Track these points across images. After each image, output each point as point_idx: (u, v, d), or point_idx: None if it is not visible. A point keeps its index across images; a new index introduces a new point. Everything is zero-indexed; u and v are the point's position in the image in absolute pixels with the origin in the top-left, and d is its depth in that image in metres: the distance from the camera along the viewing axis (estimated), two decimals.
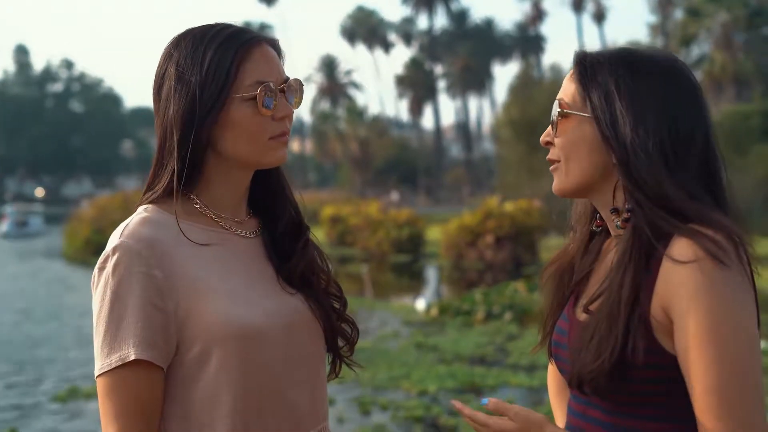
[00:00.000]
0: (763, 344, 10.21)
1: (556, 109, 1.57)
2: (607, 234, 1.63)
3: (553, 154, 1.59)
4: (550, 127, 1.59)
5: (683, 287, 1.39)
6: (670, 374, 1.43)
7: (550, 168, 1.60)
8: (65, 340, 13.30)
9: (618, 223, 1.53)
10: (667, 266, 1.41)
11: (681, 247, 1.40)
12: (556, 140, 1.57)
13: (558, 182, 1.58)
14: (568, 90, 1.57)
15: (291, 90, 1.65)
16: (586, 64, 1.54)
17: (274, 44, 1.68)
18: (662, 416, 1.45)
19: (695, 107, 1.52)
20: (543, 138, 1.61)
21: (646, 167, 1.45)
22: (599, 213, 1.62)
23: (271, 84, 1.61)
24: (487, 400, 1.52)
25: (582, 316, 1.54)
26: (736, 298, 1.38)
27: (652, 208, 1.44)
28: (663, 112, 1.48)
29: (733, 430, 1.36)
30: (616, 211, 1.55)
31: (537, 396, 8.52)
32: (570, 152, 1.55)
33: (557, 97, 1.58)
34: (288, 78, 1.65)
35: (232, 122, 1.60)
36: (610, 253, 1.57)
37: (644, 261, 1.44)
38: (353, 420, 7.95)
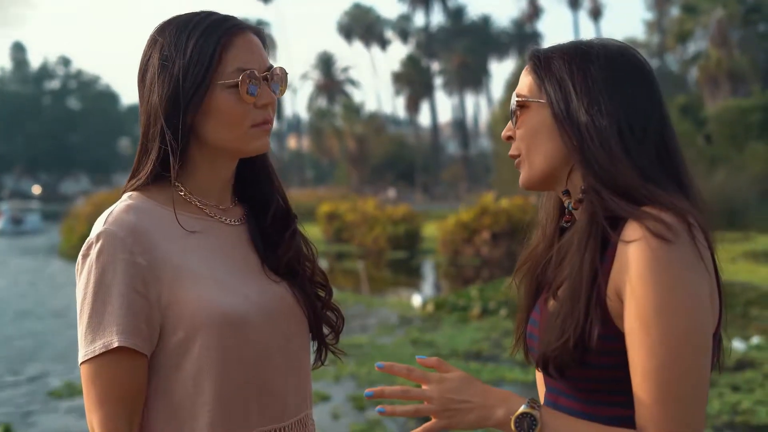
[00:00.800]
0: (758, 340, 10.11)
1: (513, 101, 1.58)
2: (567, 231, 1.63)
3: (514, 148, 1.60)
4: (510, 122, 1.60)
5: (629, 267, 1.39)
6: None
7: (515, 164, 1.60)
8: (58, 336, 13.29)
9: (570, 204, 1.54)
10: (619, 250, 1.42)
11: (630, 229, 1.40)
12: (517, 132, 1.58)
13: (523, 174, 1.58)
14: (524, 83, 1.58)
15: (274, 78, 1.65)
16: (540, 56, 1.56)
17: (258, 32, 1.67)
18: (632, 403, 1.43)
19: (649, 90, 1.52)
20: (504, 133, 1.61)
21: (601, 149, 1.46)
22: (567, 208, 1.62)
23: (254, 71, 1.61)
24: (425, 356, 1.51)
25: (552, 305, 1.55)
26: (681, 276, 1.37)
27: (607, 193, 1.44)
28: (617, 95, 1.49)
29: (671, 416, 1.36)
30: (567, 193, 1.56)
31: (532, 392, 8.50)
32: (530, 142, 1.56)
33: (515, 91, 1.59)
34: (272, 66, 1.65)
35: (215, 109, 1.60)
36: None
37: (600, 244, 1.44)
38: (348, 415, 7.96)
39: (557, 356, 1.45)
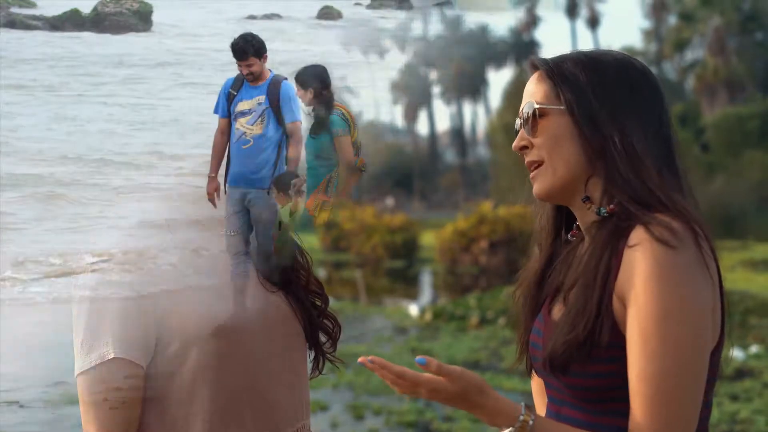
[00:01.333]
0: (756, 349, 10.13)
1: (532, 108, 1.54)
2: (571, 243, 1.61)
3: (532, 155, 1.55)
4: (522, 131, 1.57)
5: (633, 271, 1.39)
6: None
7: (532, 173, 1.56)
8: (58, 346, 13.26)
9: (604, 210, 1.49)
10: (625, 255, 1.41)
11: (635, 234, 1.40)
12: (536, 140, 1.54)
13: (544, 182, 1.54)
14: (538, 90, 1.55)
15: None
16: (551, 64, 1.55)
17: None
18: None
19: (658, 97, 1.53)
20: (518, 143, 1.57)
21: (624, 153, 1.46)
22: (576, 222, 1.60)
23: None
24: (425, 359, 1.42)
25: (557, 315, 1.53)
26: (684, 282, 1.37)
27: (624, 197, 1.44)
28: (630, 99, 1.49)
29: (663, 418, 1.36)
30: (588, 199, 1.53)
31: (531, 401, 8.49)
32: (553, 149, 1.52)
33: (527, 100, 1.56)
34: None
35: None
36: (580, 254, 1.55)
37: (615, 247, 1.43)
38: (347, 424, 7.95)
39: (565, 350, 1.43)
